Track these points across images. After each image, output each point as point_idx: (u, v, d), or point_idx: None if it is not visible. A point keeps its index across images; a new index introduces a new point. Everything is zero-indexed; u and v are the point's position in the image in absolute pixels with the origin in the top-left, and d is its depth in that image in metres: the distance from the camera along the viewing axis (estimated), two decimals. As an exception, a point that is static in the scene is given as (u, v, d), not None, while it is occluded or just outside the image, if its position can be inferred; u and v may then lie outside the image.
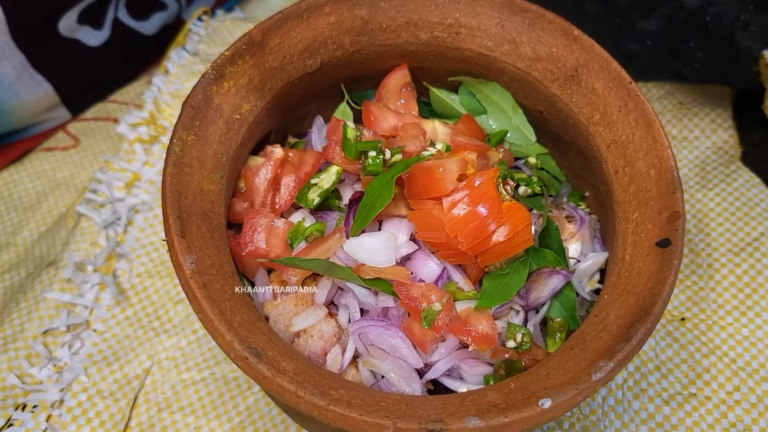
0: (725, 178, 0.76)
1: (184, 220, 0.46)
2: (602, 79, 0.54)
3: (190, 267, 0.44)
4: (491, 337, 0.48)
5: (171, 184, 0.47)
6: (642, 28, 0.93)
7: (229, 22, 0.94)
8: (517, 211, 0.49)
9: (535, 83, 0.58)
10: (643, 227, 0.49)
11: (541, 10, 0.56)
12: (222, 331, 0.42)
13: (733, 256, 0.70)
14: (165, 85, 0.86)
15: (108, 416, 0.64)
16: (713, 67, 0.88)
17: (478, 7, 0.57)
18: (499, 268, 0.51)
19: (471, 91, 0.63)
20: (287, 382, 0.41)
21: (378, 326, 0.49)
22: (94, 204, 0.77)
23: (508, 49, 0.58)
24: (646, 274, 0.47)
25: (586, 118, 0.55)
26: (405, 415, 0.41)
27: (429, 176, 0.49)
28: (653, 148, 0.51)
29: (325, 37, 0.57)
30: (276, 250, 0.53)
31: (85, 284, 0.71)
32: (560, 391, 0.41)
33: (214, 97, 0.52)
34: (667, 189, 0.49)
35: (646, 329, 0.44)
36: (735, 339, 0.65)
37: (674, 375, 0.63)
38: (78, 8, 0.82)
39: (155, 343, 0.68)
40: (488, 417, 0.41)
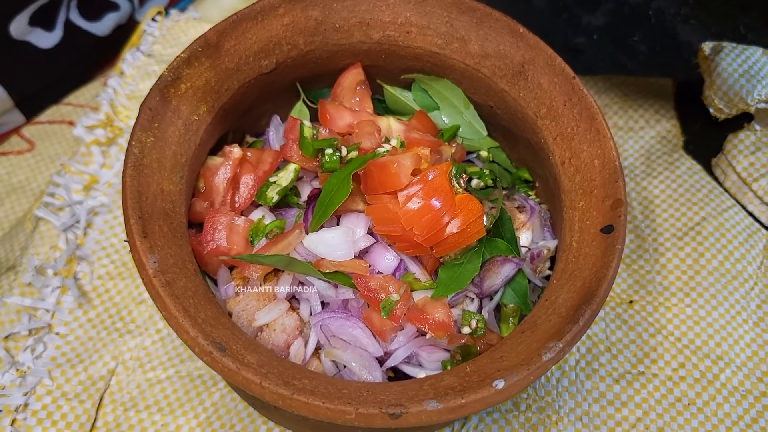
0: (669, 166, 0.79)
1: (146, 221, 0.47)
2: (548, 75, 0.56)
3: (152, 266, 0.45)
4: (447, 324, 0.50)
5: (131, 186, 0.48)
6: (588, 22, 0.96)
7: (183, 22, 0.94)
8: (470, 203, 0.51)
9: (485, 79, 0.60)
10: (588, 215, 0.52)
11: (488, 9, 0.58)
12: (186, 328, 0.43)
13: (677, 240, 0.73)
14: (120, 87, 0.85)
15: (74, 418, 0.64)
16: (657, 59, 0.91)
17: (427, 7, 0.59)
18: (454, 258, 0.53)
19: (423, 87, 0.64)
20: (252, 374, 0.43)
21: (338, 318, 0.51)
22: (53, 207, 0.76)
23: (457, 46, 0.60)
24: (591, 259, 0.49)
25: (534, 112, 0.57)
26: (366, 401, 0.43)
27: (384, 172, 0.51)
28: (596, 140, 0.53)
29: (280, 38, 0.58)
30: (237, 248, 0.54)
31: (46, 288, 0.71)
32: (513, 372, 0.44)
33: (171, 99, 0.53)
34: (610, 178, 0.52)
35: (592, 311, 0.46)
36: (679, 319, 0.68)
37: (623, 355, 0.67)
38: (29, 10, 0.82)
39: (119, 343, 0.68)
40: (446, 399, 0.43)
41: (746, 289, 0.70)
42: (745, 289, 0.70)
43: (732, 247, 0.72)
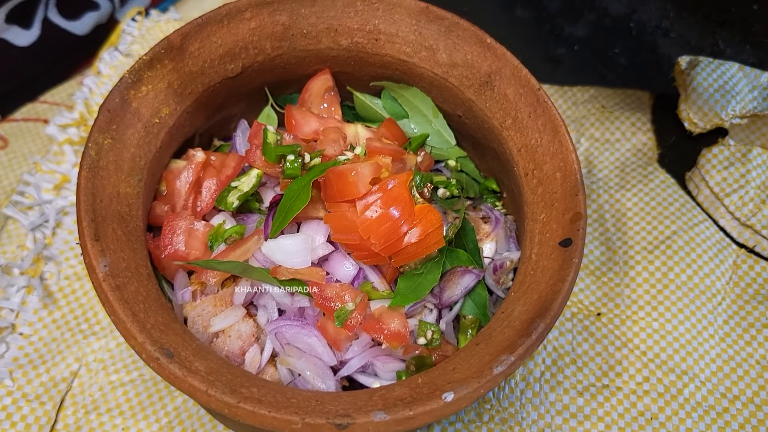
0: (643, 179, 0.79)
1: (99, 224, 0.47)
2: (513, 86, 0.56)
3: (103, 270, 0.45)
4: (403, 334, 0.50)
5: (86, 188, 0.47)
6: (570, 33, 0.96)
7: (163, 23, 0.93)
8: (429, 213, 0.51)
9: (453, 89, 0.60)
10: (548, 227, 0.51)
11: (456, 18, 0.58)
12: (134, 333, 0.43)
13: (647, 253, 0.73)
14: (96, 86, 0.85)
15: (33, 419, 0.63)
16: (636, 72, 0.91)
17: (396, 15, 0.59)
18: (414, 268, 0.53)
19: (393, 95, 0.64)
20: (198, 382, 0.42)
21: (294, 326, 0.50)
22: (21, 206, 0.76)
23: (425, 55, 0.60)
24: (549, 272, 0.49)
25: (500, 123, 0.57)
26: (314, 411, 0.42)
27: (342, 180, 0.51)
28: (559, 152, 0.53)
29: (246, 42, 0.58)
30: (195, 253, 0.54)
31: (11, 287, 0.71)
32: (463, 385, 0.43)
33: (132, 101, 0.53)
34: (571, 191, 0.51)
35: (546, 324, 0.46)
36: (646, 332, 0.68)
37: (589, 368, 0.66)
38: (6, 8, 0.82)
39: (83, 345, 0.68)
40: (394, 411, 0.42)
41: (714, 304, 0.70)
42: (712, 304, 0.70)
43: (702, 261, 0.72)
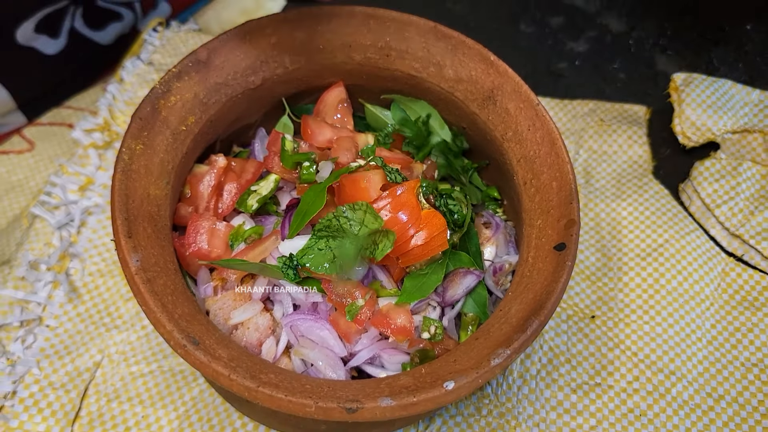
0: (638, 189, 0.83)
1: (131, 222, 0.51)
2: (514, 101, 0.60)
3: (135, 264, 0.49)
4: (408, 329, 0.54)
5: (119, 189, 0.52)
6: (571, 49, 1.00)
7: (183, 33, 0.98)
8: (434, 218, 0.55)
9: (458, 102, 0.64)
10: (544, 233, 0.55)
11: (462, 37, 0.62)
12: (163, 322, 0.47)
13: (640, 260, 0.77)
14: (119, 93, 0.89)
15: (59, 406, 0.67)
16: (634, 87, 0.95)
17: (406, 33, 0.63)
18: (419, 268, 0.57)
19: (402, 107, 0.68)
20: (221, 367, 0.46)
21: (308, 319, 0.54)
22: (48, 206, 0.80)
23: (433, 71, 0.64)
24: (543, 273, 0.53)
25: (501, 135, 0.61)
26: (326, 396, 0.46)
27: (355, 185, 0.55)
28: (556, 163, 0.57)
29: (267, 56, 0.62)
30: (217, 251, 0.58)
31: (39, 282, 0.74)
32: (463, 375, 0.47)
33: (161, 110, 0.57)
34: (566, 199, 0.55)
35: (540, 321, 0.50)
36: (637, 334, 0.72)
37: (582, 366, 0.70)
38: (35, 18, 0.86)
39: (106, 338, 0.72)
40: (399, 397, 0.46)
41: (702, 309, 0.73)
42: (701, 309, 0.73)
43: (692, 268, 0.76)
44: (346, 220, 0.53)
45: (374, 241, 0.54)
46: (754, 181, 0.81)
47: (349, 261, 0.53)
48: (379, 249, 0.54)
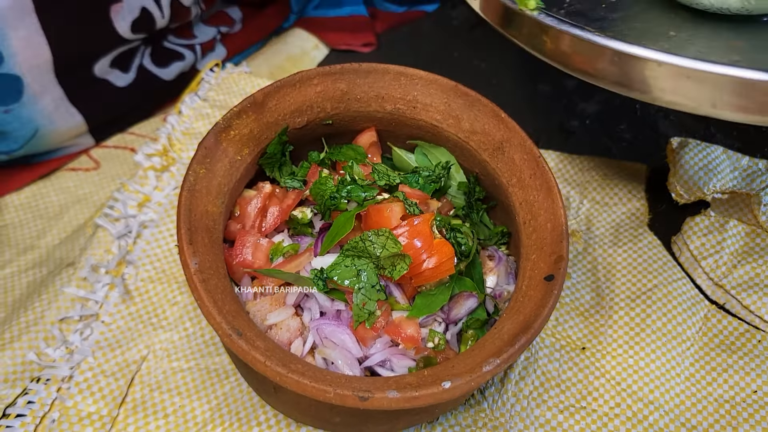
0: (633, 239, 0.91)
1: (192, 232, 0.61)
2: (519, 152, 0.70)
3: (194, 266, 0.59)
4: (416, 338, 0.62)
5: (185, 205, 0.62)
6: (583, 109, 1.09)
7: (236, 75, 1.08)
8: (444, 246, 0.64)
9: (472, 151, 0.74)
10: (537, 265, 0.65)
11: (478, 96, 0.72)
12: (214, 315, 0.57)
13: (630, 301, 0.85)
14: (178, 124, 0.99)
15: (108, 392, 0.73)
16: (637, 147, 1.04)
17: (431, 89, 0.73)
18: (429, 289, 0.65)
19: (424, 152, 0.77)
20: (259, 355, 0.55)
21: (331, 324, 0.63)
22: (110, 218, 0.88)
23: (452, 122, 0.74)
24: (534, 299, 0.62)
25: (507, 181, 0.71)
26: (343, 386, 0.55)
27: (379, 215, 0.64)
28: (551, 207, 0.66)
29: (312, 102, 0.72)
30: (259, 262, 0.66)
31: (98, 283, 0.81)
32: (459, 377, 0.56)
33: (222, 141, 0.67)
34: (557, 238, 0.65)
35: (527, 338, 0.59)
36: (622, 366, 0.79)
37: (570, 391, 0.78)
38: (111, 55, 0.96)
39: (152, 335, 0.78)
40: (404, 391, 0.55)
41: (683, 348, 0.81)
42: (682, 348, 0.81)
43: (676, 312, 0.84)
44: (370, 243, 0.63)
45: (393, 262, 0.63)
46: (739, 238, 0.89)
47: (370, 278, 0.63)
48: (396, 269, 0.63)
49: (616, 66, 0.59)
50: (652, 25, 0.66)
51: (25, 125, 0.92)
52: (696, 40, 0.63)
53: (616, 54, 0.58)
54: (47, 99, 0.92)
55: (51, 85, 0.91)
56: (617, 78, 0.60)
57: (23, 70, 0.87)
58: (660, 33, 0.65)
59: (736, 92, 0.55)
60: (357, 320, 0.62)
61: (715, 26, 0.65)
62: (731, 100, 0.55)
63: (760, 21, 0.65)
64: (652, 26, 0.66)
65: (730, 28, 0.65)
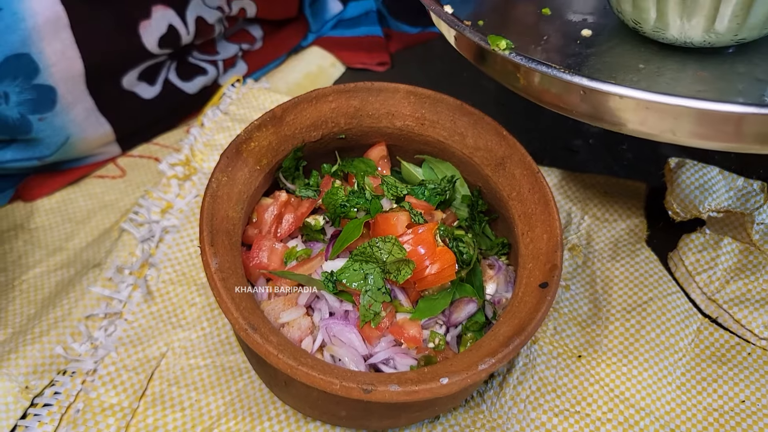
0: (631, 254, 0.95)
1: (214, 235, 0.66)
2: (519, 168, 0.75)
3: (215, 266, 0.64)
4: (418, 339, 0.67)
5: (207, 209, 0.67)
6: (587, 129, 1.12)
7: (255, 90, 1.13)
8: (446, 254, 0.68)
9: (476, 166, 0.78)
10: (533, 273, 0.69)
11: (481, 114, 0.77)
12: (232, 310, 0.61)
13: (626, 313, 0.89)
14: (200, 136, 1.03)
15: (129, 385, 0.77)
16: (638, 166, 1.06)
17: (438, 107, 0.78)
18: (431, 293, 0.70)
19: (431, 166, 0.82)
20: (272, 348, 0.60)
21: (340, 324, 0.67)
22: (135, 223, 0.92)
23: (457, 139, 0.78)
24: (528, 305, 0.66)
25: (507, 195, 0.75)
26: (349, 379, 0.59)
27: (387, 222, 0.68)
28: (547, 220, 0.71)
29: (327, 117, 0.77)
30: (274, 265, 0.70)
31: (122, 284, 0.85)
32: (456, 374, 0.60)
33: (243, 152, 0.72)
34: (552, 249, 0.69)
35: (521, 340, 0.63)
36: (615, 374, 0.83)
37: (566, 396, 0.81)
38: (139, 69, 1.01)
39: (171, 334, 0.82)
40: (404, 385, 0.59)
41: (675, 359, 0.85)
42: (674, 359, 0.85)
43: (670, 324, 0.87)
44: (377, 249, 0.68)
45: (398, 267, 0.68)
46: (732, 255, 0.93)
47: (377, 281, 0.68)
48: (401, 274, 0.68)
49: (583, 100, 0.63)
50: (623, 59, 0.71)
51: (58, 133, 0.97)
52: (664, 72, 0.68)
53: (582, 89, 0.62)
54: (78, 109, 0.97)
55: (82, 96, 0.96)
56: (586, 111, 0.64)
57: (57, 81, 0.92)
58: (630, 66, 0.69)
59: (692, 121, 0.59)
60: (363, 320, 0.66)
61: (682, 58, 0.70)
62: (689, 128, 0.60)
63: (725, 53, 0.70)
64: (624, 60, 0.70)
65: (696, 59, 0.69)
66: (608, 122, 0.65)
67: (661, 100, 0.59)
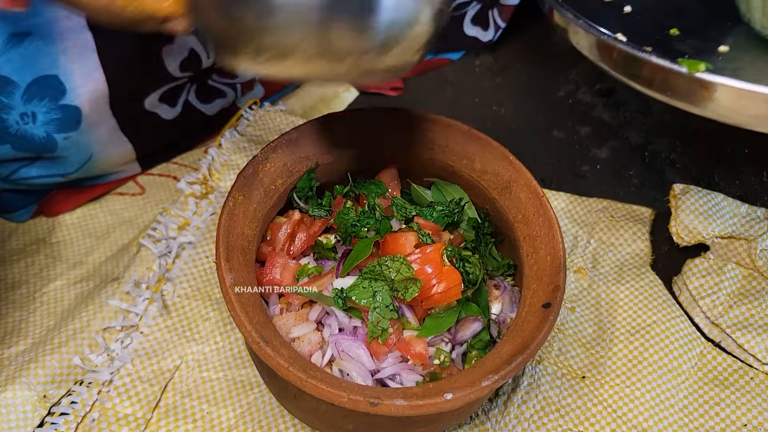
0: (635, 277, 0.96)
1: (230, 251, 0.68)
2: (525, 192, 0.77)
3: (230, 280, 0.66)
4: (424, 355, 0.68)
5: (224, 227, 0.69)
6: (594, 154, 1.14)
7: (272, 112, 1.15)
8: (453, 274, 0.70)
9: (483, 189, 0.80)
10: (537, 294, 0.71)
11: (490, 140, 0.79)
12: (245, 323, 0.63)
13: (630, 335, 0.89)
14: (218, 156, 1.05)
15: (144, 396, 0.78)
16: (644, 192, 1.07)
17: (448, 132, 0.80)
18: (438, 312, 0.71)
19: (440, 189, 0.84)
20: (283, 360, 0.62)
21: (348, 339, 0.68)
22: (153, 239, 0.94)
23: (466, 163, 0.80)
24: (532, 324, 0.68)
25: (513, 217, 0.77)
26: (356, 392, 0.61)
27: (396, 242, 0.69)
28: (551, 243, 0.73)
29: (340, 140, 0.79)
30: (286, 281, 0.70)
31: (139, 297, 0.85)
32: (460, 389, 0.62)
33: (259, 173, 0.75)
34: (556, 270, 0.71)
35: (523, 358, 0.64)
36: (618, 395, 0.83)
37: (569, 416, 0.82)
38: (160, 91, 1.02)
39: (185, 347, 0.83)
40: (409, 399, 0.61)
41: (678, 381, 0.86)
42: (677, 381, 0.86)
43: (673, 347, 0.88)
44: (386, 267, 0.70)
45: (405, 285, 0.70)
46: (736, 281, 0.94)
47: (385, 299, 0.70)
48: (408, 292, 0.70)
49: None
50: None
51: (82, 151, 0.99)
52: None
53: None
54: (102, 128, 0.99)
55: (106, 116, 0.98)
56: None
57: (83, 101, 0.95)
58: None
59: None
60: (371, 336, 0.67)
61: None
62: None
63: None
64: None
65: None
66: None
67: None
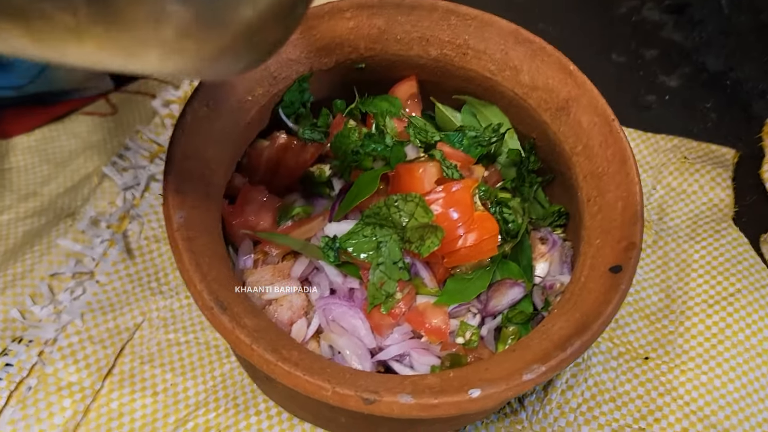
0: (714, 233, 0.79)
1: (183, 180, 0.52)
2: (589, 114, 0.58)
3: (178, 220, 0.49)
4: (443, 331, 0.53)
5: (176, 146, 0.53)
6: (663, 82, 0.97)
7: None
8: (487, 221, 0.54)
9: (530, 110, 0.63)
10: (601, 252, 0.53)
11: (543, 43, 0.61)
12: (195, 281, 0.47)
13: (707, 307, 0.73)
14: None
15: (94, 360, 0.69)
16: (724, 129, 0.91)
17: (486, 33, 0.63)
18: (465, 272, 0.56)
19: (473, 111, 0.68)
20: (244, 335, 0.46)
21: (342, 305, 0.55)
22: (119, 167, 0.83)
23: (509, 74, 0.63)
24: (594, 294, 0.50)
25: (570, 148, 0.59)
26: (346, 383, 0.45)
27: (410, 174, 0.56)
28: (624, 183, 0.54)
29: (342, 40, 0.63)
30: (263, 224, 0.59)
31: (97, 238, 0.76)
32: (492, 384, 0.45)
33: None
34: (630, 220, 0.53)
35: (583, 342, 0.47)
36: (692, 384, 0.68)
37: (627, 408, 0.67)
38: None
39: (150, 301, 0.73)
40: (420, 396, 0.44)
41: (769, 368, 0.69)
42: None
43: (763, 324, 0.71)
44: (396, 210, 0.53)
45: (421, 235, 0.53)
46: None
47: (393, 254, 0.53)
48: (425, 245, 0.53)
49: None
50: None
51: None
52: None
53: None
54: None
55: None
56: None
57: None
58: None
59: None
60: (372, 303, 0.55)
61: None
62: None
63: None
64: None
65: None
66: None
67: None
